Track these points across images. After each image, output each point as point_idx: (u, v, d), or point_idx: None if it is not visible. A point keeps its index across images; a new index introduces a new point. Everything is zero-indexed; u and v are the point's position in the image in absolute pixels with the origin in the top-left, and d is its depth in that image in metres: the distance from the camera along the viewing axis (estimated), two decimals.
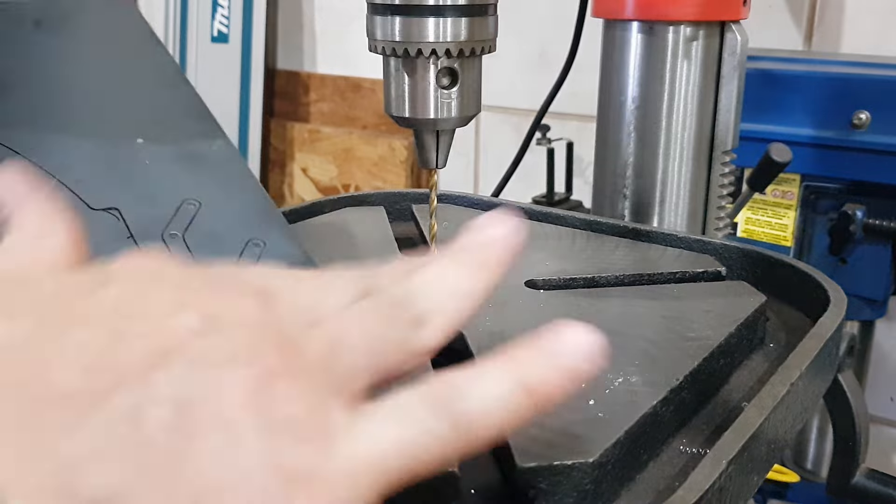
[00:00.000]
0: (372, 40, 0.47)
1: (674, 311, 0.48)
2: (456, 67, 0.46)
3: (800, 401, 0.42)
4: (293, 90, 1.81)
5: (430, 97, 0.46)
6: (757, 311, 0.48)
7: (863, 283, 0.95)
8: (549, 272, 0.54)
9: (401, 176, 1.67)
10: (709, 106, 0.71)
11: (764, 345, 0.50)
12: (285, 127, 1.81)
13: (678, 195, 0.72)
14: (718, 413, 0.42)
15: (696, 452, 0.38)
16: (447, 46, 0.45)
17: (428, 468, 0.24)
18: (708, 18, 0.68)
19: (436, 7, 0.44)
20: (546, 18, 1.43)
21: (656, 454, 0.38)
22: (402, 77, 0.46)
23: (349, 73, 1.73)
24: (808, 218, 0.97)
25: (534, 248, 0.60)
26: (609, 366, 0.41)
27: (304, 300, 0.27)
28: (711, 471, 0.32)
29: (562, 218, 0.66)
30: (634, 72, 0.71)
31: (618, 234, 0.63)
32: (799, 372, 0.40)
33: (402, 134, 1.64)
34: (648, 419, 0.37)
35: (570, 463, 0.33)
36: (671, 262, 0.57)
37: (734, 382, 0.45)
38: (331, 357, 0.25)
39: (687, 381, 0.40)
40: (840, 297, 0.49)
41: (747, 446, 0.34)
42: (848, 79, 0.90)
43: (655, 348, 0.43)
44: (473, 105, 0.48)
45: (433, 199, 0.53)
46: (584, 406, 0.37)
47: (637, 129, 0.72)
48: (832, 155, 0.91)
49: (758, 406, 0.37)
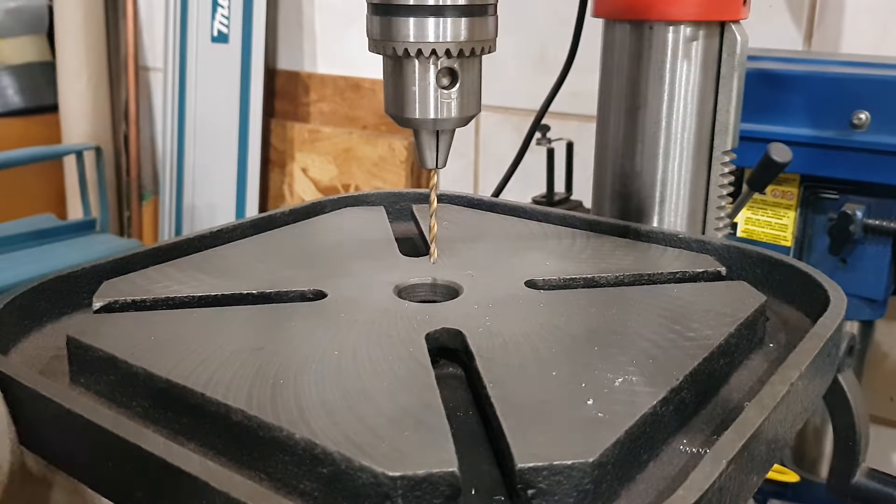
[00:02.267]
0: (372, 40, 0.47)
1: (674, 311, 0.48)
2: (455, 67, 0.46)
3: (800, 400, 0.42)
4: (293, 90, 1.81)
5: (430, 97, 0.46)
6: (757, 310, 0.48)
7: (863, 282, 0.95)
8: (549, 272, 0.54)
9: (401, 176, 1.67)
10: (708, 106, 0.71)
11: (763, 344, 0.49)
12: (285, 127, 1.81)
13: (678, 195, 0.72)
14: (718, 413, 0.42)
15: (696, 452, 0.38)
16: (447, 46, 0.45)
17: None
18: (708, 18, 0.68)
19: (436, 7, 0.44)
20: (546, 18, 1.43)
21: (656, 454, 0.38)
22: (402, 77, 0.46)
23: (349, 73, 1.73)
24: (807, 218, 0.97)
25: (534, 247, 0.60)
26: (609, 366, 0.41)
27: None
28: (711, 470, 0.32)
29: (562, 218, 0.66)
30: (634, 72, 0.71)
31: (618, 234, 0.63)
32: (798, 372, 0.40)
33: (402, 134, 1.64)
34: (648, 419, 0.37)
35: (570, 463, 0.33)
36: (671, 262, 0.57)
37: (734, 382, 0.45)
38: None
39: (687, 381, 0.40)
40: (840, 297, 0.49)
41: (747, 446, 0.34)
42: (848, 79, 0.90)
43: (655, 348, 0.43)
44: (473, 105, 0.48)
45: (433, 199, 0.54)
46: (584, 406, 0.37)
47: (637, 129, 0.72)
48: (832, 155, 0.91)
49: (758, 406, 0.37)
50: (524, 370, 0.41)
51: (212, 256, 0.58)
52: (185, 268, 0.56)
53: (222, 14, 1.81)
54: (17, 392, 0.40)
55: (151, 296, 0.51)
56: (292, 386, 0.39)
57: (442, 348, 0.46)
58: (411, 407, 0.37)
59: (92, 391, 0.44)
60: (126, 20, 2.04)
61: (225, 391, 0.38)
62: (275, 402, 0.37)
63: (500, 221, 0.68)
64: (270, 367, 0.41)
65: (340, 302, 0.50)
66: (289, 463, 0.35)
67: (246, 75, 1.80)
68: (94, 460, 0.37)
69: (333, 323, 0.47)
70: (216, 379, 0.39)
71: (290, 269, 0.56)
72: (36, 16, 2.04)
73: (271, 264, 0.57)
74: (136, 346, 0.43)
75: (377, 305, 0.50)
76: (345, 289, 0.52)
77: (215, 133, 1.87)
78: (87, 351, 0.44)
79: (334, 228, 0.66)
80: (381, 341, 0.44)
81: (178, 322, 0.47)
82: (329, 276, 0.54)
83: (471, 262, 0.57)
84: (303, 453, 0.34)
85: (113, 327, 0.47)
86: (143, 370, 0.41)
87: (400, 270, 0.55)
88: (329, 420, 0.36)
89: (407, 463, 0.33)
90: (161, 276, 0.54)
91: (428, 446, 0.34)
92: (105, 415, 0.37)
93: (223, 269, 0.56)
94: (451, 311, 0.49)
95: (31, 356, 0.48)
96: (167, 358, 0.42)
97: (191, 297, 0.51)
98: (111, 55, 2.06)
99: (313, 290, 0.52)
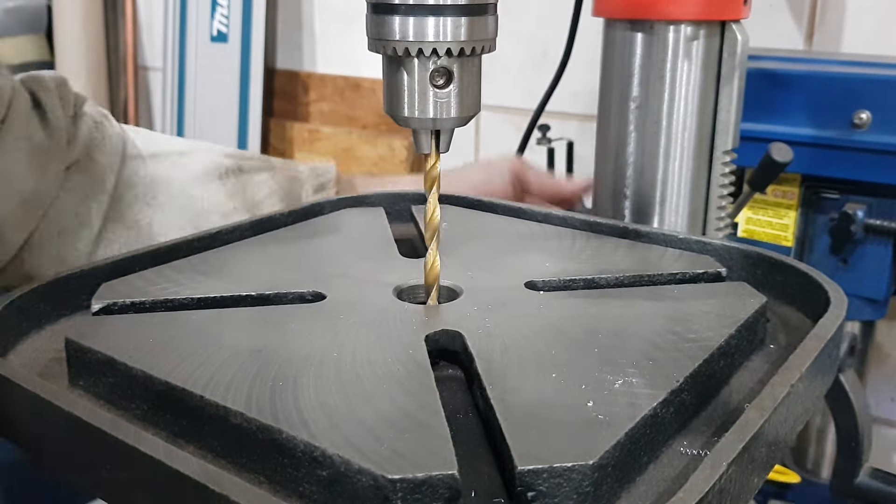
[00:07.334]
0: (371, 40, 0.47)
1: (674, 312, 0.48)
2: (450, 67, 0.46)
3: (800, 402, 0.42)
4: (293, 90, 1.81)
5: (429, 97, 0.46)
6: (757, 312, 0.48)
7: (863, 282, 0.95)
8: (550, 273, 0.54)
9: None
10: (709, 105, 0.71)
11: (764, 346, 0.49)
12: (285, 127, 1.81)
13: (679, 195, 0.72)
14: (719, 414, 0.42)
15: (697, 454, 0.38)
16: (446, 46, 0.44)
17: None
18: (708, 18, 0.68)
19: (435, 7, 0.44)
20: (546, 18, 1.43)
21: (656, 456, 0.38)
22: (401, 76, 0.46)
23: (349, 72, 1.73)
24: (808, 218, 0.97)
25: (534, 248, 0.60)
26: (609, 367, 0.41)
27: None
28: (712, 472, 0.32)
29: (562, 218, 0.66)
30: (635, 71, 0.71)
31: (618, 235, 0.63)
32: (799, 373, 0.40)
33: (402, 134, 1.64)
34: (648, 421, 0.37)
35: (570, 465, 0.33)
36: (671, 262, 0.57)
37: (734, 384, 0.45)
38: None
39: (687, 383, 0.40)
40: (840, 298, 0.49)
41: (748, 448, 0.34)
42: (848, 78, 0.90)
43: (655, 349, 0.43)
44: (472, 105, 0.47)
45: (432, 209, 0.52)
46: (584, 408, 0.37)
47: (637, 129, 0.72)
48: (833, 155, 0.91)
49: (758, 407, 0.37)
50: (524, 372, 0.41)
51: (211, 258, 0.58)
52: (183, 270, 0.56)
53: (221, 13, 1.81)
54: (15, 395, 0.40)
55: (150, 298, 0.50)
56: (291, 388, 0.39)
57: (441, 350, 0.46)
58: (411, 409, 0.37)
59: (91, 393, 0.43)
60: (125, 20, 2.03)
61: (224, 393, 0.38)
62: (274, 404, 0.37)
63: (499, 222, 0.68)
64: (269, 369, 0.41)
65: (339, 303, 0.50)
66: (288, 465, 0.35)
67: (245, 75, 1.80)
68: (93, 463, 0.37)
69: (333, 324, 0.47)
70: (215, 381, 0.39)
71: (288, 271, 0.56)
72: (35, 15, 2.04)
73: (270, 266, 0.57)
74: (134, 349, 0.43)
75: (376, 307, 0.49)
76: (344, 290, 0.52)
77: (214, 133, 1.86)
78: (86, 353, 0.44)
79: (333, 230, 0.66)
80: (380, 343, 0.44)
81: (176, 324, 0.47)
82: (328, 278, 0.54)
83: (470, 263, 0.56)
84: (302, 456, 0.34)
85: (112, 329, 0.46)
86: (141, 372, 0.41)
87: (399, 272, 0.55)
88: (328, 422, 0.36)
89: (406, 465, 0.32)
90: (160, 277, 0.54)
91: (428, 449, 0.34)
92: (103, 417, 0.36)
93: (222, 271, 0.55)
94: (450, 313, 0.49)
95: (30, 358, 0.48)
96: (166, 360, 0.42)
97: (189, 298, 0.51)
98: (110, 55, 2.06)
99: (312, 291, 0.52)
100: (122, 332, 0.46)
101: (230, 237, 0.62)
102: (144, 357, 0.42)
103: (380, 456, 0.33)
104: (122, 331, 0.46)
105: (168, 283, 0.53)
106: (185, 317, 0.49)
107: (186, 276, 0.54)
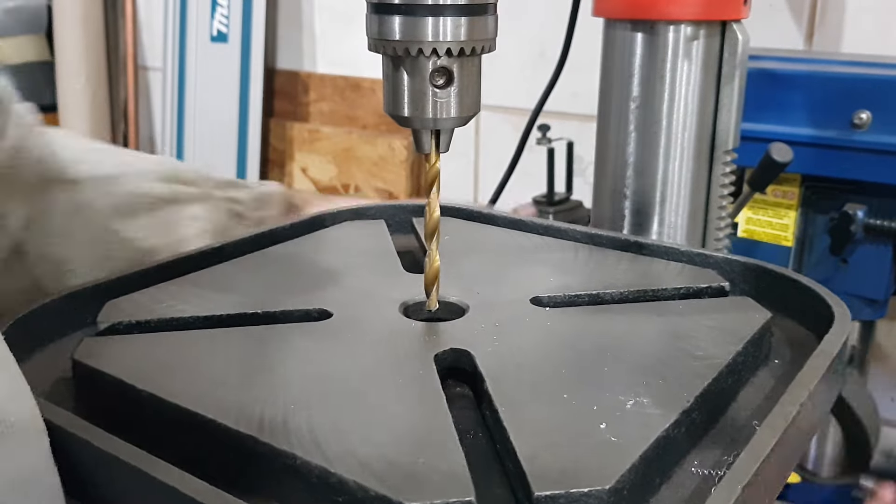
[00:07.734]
0: (371, 39, 0.46)
1: (680, 329, 0.48)
2: (450, 67, 0.45)
3: (809, 419, 0.42)
4: (293, 90, 1.80)
5: (429, 97, 0.46)
6: (763, 327, 0.48)
7: (863, 283, 0.95)
8: (554, 288, 0.54)
9: (401, 176, 1.67)
10: (709, 106, 0.71)
11: (769, 361, 0.49)
12: (285, 127, 1.81)
13: (679, 195, 0.72)
14: (727, 432, 0.42)
15: (708, 474, 0.38)
16: (446, 46, 0.44)
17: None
18: (709, 18, 0.68)
19: (434, 6, 0.44)
20: (546, 18, 1.43)
21: (668, 476, 0.38)
22: (401, 76, 0.46)
23: (349, 72, 1.73)
24: (808, 218, 0.97)
25: (536, 261, 0.60)
26: (620, 387, 0.41)
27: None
28: (728, 496, 0.32)
29: (562, 231, 0.66)
30: (635, 71, 0.71)
31: (619, 248, 0.63)
32: (808, 391, 0.40)
33: (402, 134, 1.64)
34: (661, 442, 0.37)
35: (587, 490, 0.33)
36: (674, 277, 0.57)
37: (741, 400, 0.45)
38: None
39: (697, 402, 0.40)
40: (843, 313, 0.49)
41: (761, 469, 0.34)
42: (848, 78, 0.90)
43: (664, 367, 0.43)
44: (472, 105, 0.47)
45: (432, 219, 0.52)
46: (597, 430, 0.37)
47: (637, 129, 0.71)
48: (833, 155, 0.91)
49: (770, 427, 0.37)
50: (535, 392, 0.41)
51: (215, 274, 0.58)
52: (188, 286, 0.55)
53: (221, 13, 1.80)
54: None
55: (156, 316, 0.50)
56: (304, 411, 0.39)
57: (450, 368, 0.46)
58: (425, 433, 0.37)
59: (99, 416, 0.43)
60: (125, 20, 2.03)
61: (236, 417, 0.38)
62: (287, 428, 0.37)
63: (499, 234, 0.67)
64: (280, 392, 0.41)
65: (346, 321, 0.50)
66: (303, 491, 0.35)
67: (245, 75, 1.79)
68: (105, 489, 0.37)
69: (341, 343, 0.47)
70: (227, 404, 0.39)
71: (294, 287, 0.55)
72: (35, 15, 2.03)
73: (275, 282, 0.57)
74: (143, 370, 0.43)
75: (383, 325, 0.49)
76: (350, 307, 0.52)
77: (214, 133, 1.86)
78: (94, 375, 0.44)
79: (335, 244, 0.66)
80: (389, 363, 0.44)
81: (184, 344, 0.47)
82: (333, 294, 0.54)
83: (474, 278, 0.56)
84: (317, 481, 0.34)
85: (119, 350, 0.46)
86: (151, 395, 0.41)
87: (403, 286, 0.55)
88: (342, 447, 0.36)
89: (424, 491, 0.33)
90: (165, 294, 0.54)
91: (443, 474, 0.34)
92: (116, 443, 0.36)
93: (227, 288, 0.55)
94: (458, 331, 0.49)
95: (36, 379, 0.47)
96: (175, 382, 0.42)
97: (195, 317, 0.51)
98: (110, 55, 2.05)
99: (318, 309, 0.51)
100: (130, 353, 0.46)
101: (233, 251, 0.62)
102: (153, 379, 0.42)
103: (396, 482, 0.33)
104: (130, 351, 0.46)
105: (173, 300, 0.53)
106: (192, 336, 0.49)
107: (191, 294, 0.54)
